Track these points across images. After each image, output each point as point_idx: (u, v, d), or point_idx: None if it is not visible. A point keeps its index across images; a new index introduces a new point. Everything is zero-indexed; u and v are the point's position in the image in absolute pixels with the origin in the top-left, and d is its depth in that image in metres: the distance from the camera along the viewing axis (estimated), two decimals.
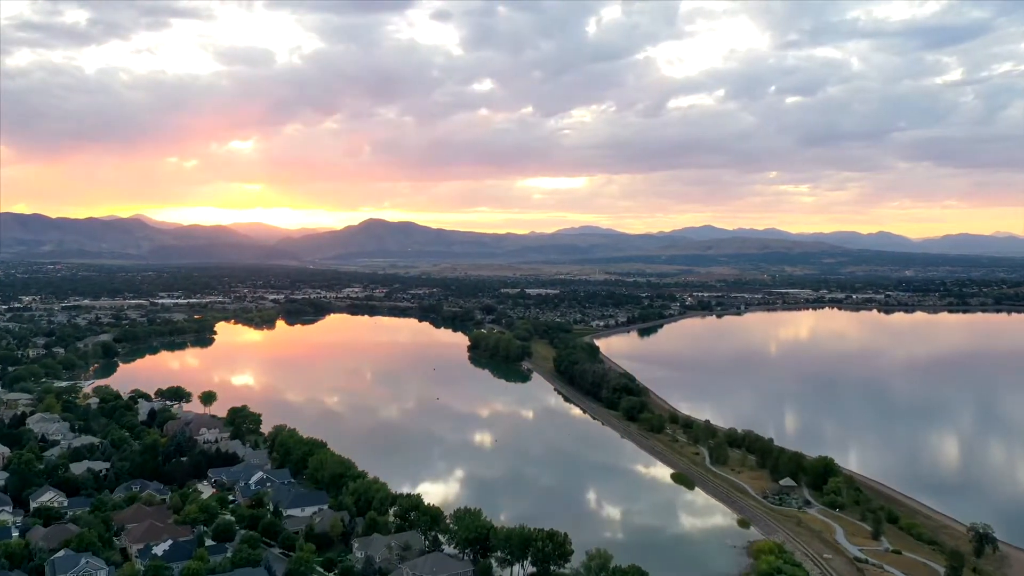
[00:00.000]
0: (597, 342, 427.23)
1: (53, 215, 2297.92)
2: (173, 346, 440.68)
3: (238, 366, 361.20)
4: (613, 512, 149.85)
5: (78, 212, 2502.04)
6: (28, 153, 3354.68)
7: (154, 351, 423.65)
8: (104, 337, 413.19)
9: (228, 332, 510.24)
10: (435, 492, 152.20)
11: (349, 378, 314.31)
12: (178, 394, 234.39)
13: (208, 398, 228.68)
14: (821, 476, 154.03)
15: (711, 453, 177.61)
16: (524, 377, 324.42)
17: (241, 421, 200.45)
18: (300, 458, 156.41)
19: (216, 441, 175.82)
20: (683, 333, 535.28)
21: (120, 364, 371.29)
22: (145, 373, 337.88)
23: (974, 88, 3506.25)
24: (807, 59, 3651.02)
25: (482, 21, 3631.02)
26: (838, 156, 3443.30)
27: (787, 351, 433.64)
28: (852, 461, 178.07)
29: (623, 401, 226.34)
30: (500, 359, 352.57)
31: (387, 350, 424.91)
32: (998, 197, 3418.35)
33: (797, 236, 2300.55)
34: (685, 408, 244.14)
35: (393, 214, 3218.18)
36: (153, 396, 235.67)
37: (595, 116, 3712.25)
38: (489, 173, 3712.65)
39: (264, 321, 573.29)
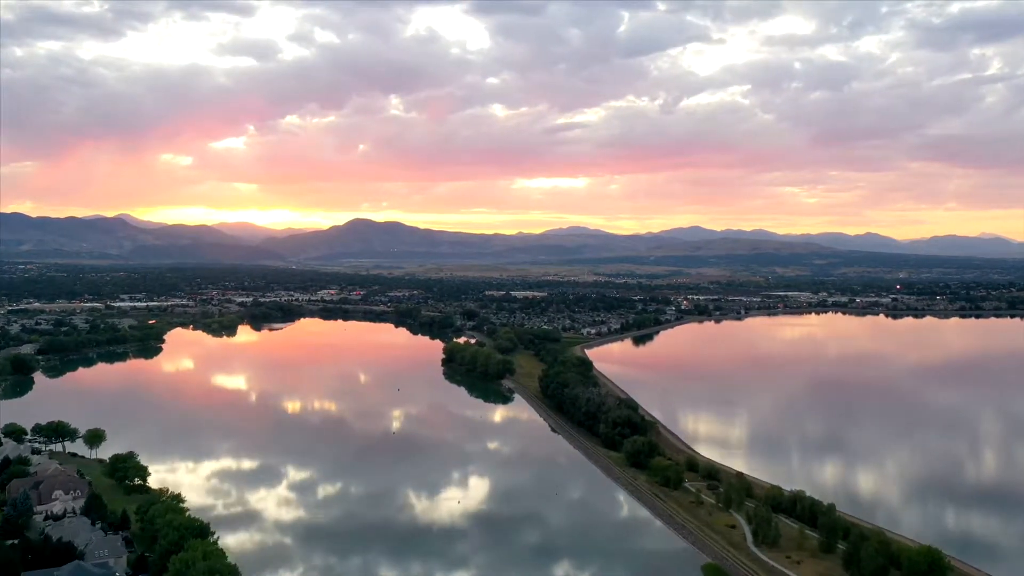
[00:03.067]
0: (589, 353, 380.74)
1: (53, 215, 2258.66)
2: (113, 357, 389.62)
3: (169, 386, 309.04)
4: None
5: (73, 212, 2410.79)
6: (26, 151, 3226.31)
7: (89, 363, 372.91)
8: (26, 348, 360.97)
9: (180, 341, 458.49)
10: None
11: (294, 404, 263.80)
12: (60, 431, 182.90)
13: (94, 439, 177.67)
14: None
15: (755, 529, 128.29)
16: (505, 398, 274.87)
17: (122, 475, 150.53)
18: (166, 551, 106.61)
19: (63, 515, 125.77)
20: (683, 342, 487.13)
21: (46, 380, 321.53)
22: (64, 394, 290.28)
23: (1006, 84, 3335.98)
24: (844, 52, 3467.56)
25: (520, 16, 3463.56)
26: (847, 156, 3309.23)
27: (810, 366, 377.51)
28: (955, 540, 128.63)
29: (627, 442, 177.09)
30: (478, 375, 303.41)
31: (351, 363, 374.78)
32: (994, 199, 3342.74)
33: (784, 237, 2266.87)
34: (703, 447, 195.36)
35: (391, 215, 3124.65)
36: (29, 433, 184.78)
37: (609, 114, 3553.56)
38: (491, 173, 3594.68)
39: (224, 327, 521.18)
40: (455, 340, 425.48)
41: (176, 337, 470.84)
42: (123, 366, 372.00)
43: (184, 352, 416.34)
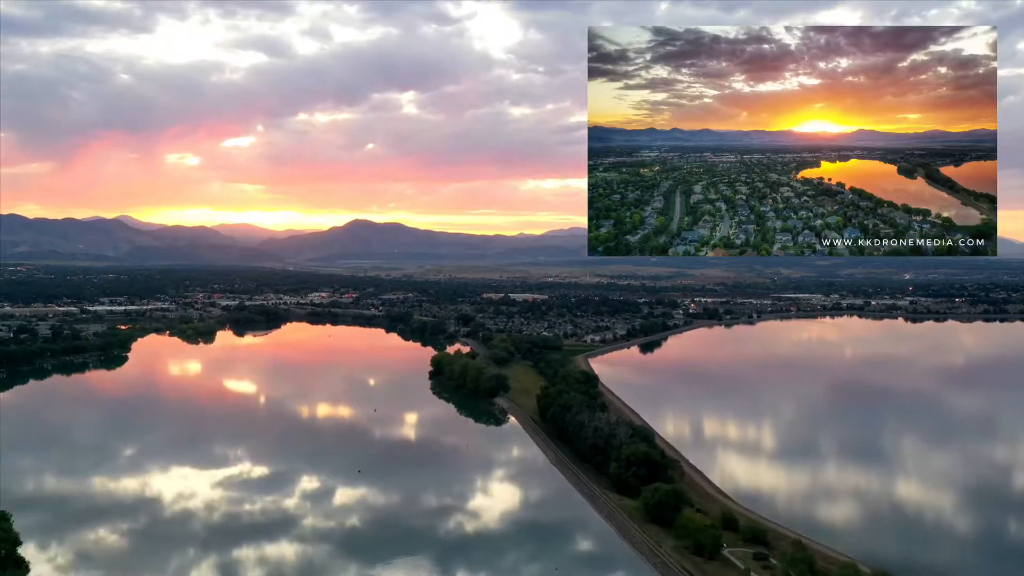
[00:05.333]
0: (593, 363, 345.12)
1: (55, 216, 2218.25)
2: (70, 368, 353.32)
3: (116, 406, 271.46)
4: None
5: (79, 214, 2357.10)
6: (32, 151, 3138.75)
7: (42, 376, 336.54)
8: None
9: (149, 349, 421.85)
10: None
11: (251, 429, 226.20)
12: None
13: None
14: None
15: None
16: (497, 420, 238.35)
17: None
18: None
19: None
20: (696, 350, 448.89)
21: None
22: None
23: None
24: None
25: (564, 13, 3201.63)
26: None
27: (852, 379, 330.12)
28: None
29: (646, 492, 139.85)
30: (468, 391, 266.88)
31: (328, 375, 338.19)
32: (1000, 200, 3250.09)
33: None
34: (739, 491, 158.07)
35: (399, 216, 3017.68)
36: None
37: None
38: (503, 173, 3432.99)
39: (201, 334, 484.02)
40: (447, 347, 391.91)
41: (146, 345, 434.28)
42: (80, 379, 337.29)
43: (148, 363, 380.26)
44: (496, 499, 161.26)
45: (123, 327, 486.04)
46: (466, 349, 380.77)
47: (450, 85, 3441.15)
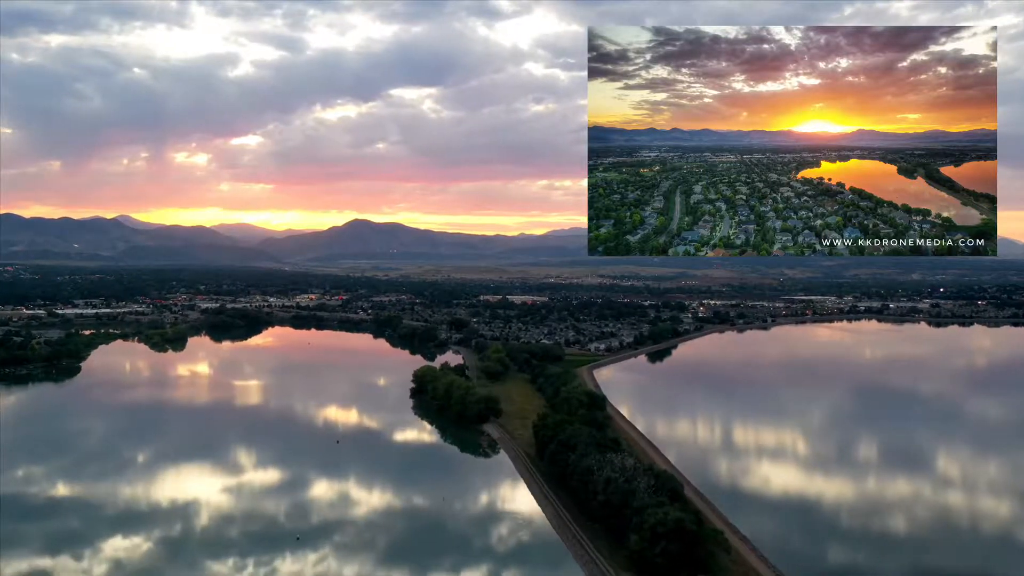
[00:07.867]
0: (599, 376, 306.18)
1: (56, 216, 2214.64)
2: (11, 381, 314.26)
3: (40, 430, 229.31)
4: None
5: (88, 214, 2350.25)
6: (42, 149, 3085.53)
7: None
8: None
9: (107, 359, 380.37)
10: None
11: (184, 468, 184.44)
12: None
13: None
14: None
15: None
16: (484, 453, 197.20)
17: None
18: None
19: None
20: (712, 358, 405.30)
21: None
22: None
23: None
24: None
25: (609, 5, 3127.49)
26: None
27: (905, 394, 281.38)
28: None
29: None
30: (453, 415, 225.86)
31: (301, 389, 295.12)
32: (1003, 200, 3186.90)
33: None
34: (810, 571, 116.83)
35: (408, 217, 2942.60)
36: None
37: None
38: (516, 172, 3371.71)
39: (169, 340, 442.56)
40: (438, 356, 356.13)
41: (106, 353, 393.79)
42: (18, 397, 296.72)
43: (105, 373, 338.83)
44: None
45: (88, 332, 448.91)
46: (457, 359, 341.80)
47: (472, 80, 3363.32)
